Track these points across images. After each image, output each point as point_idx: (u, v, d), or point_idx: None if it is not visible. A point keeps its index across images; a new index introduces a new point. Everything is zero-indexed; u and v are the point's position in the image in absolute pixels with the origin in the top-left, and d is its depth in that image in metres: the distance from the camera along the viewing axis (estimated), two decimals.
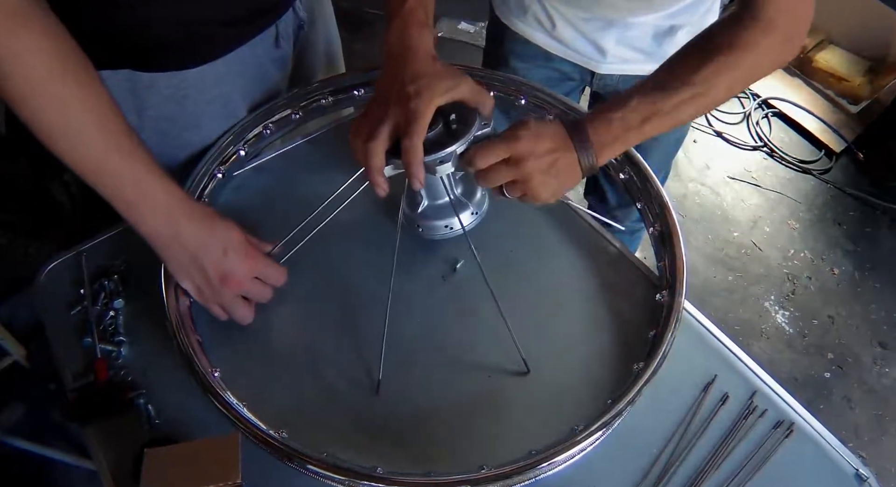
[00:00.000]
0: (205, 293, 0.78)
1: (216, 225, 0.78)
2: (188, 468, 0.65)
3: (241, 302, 0.80)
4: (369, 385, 0.79)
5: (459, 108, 0.79)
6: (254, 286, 0.80)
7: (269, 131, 0.98)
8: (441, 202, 0.87)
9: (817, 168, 2.44)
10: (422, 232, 0.88)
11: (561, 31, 1.11)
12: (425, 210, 0.88)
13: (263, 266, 0.81)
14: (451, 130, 0.80)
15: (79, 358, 0.80)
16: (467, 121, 0.79)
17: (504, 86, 1.01)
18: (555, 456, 0.70)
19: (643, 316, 0.85)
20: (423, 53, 0.78)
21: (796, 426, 0.78)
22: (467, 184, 0.88)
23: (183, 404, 0.76)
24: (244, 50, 0.93)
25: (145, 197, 0.73)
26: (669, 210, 0.88)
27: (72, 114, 0.68)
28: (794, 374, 1.95)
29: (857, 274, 2.18)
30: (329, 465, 0.68)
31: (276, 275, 0.82)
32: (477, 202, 0.88)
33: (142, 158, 0.73)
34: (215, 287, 0.77)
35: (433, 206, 0.88)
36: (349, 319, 0.85)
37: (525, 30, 1.16)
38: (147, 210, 0.73)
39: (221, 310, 0.80)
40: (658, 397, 0.77)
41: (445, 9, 2.87)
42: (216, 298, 0.79)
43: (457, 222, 0.86)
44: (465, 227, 0.85)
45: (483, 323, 0.85)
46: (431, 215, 0.88)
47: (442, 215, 0.87)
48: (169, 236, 0.75)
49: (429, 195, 0.87)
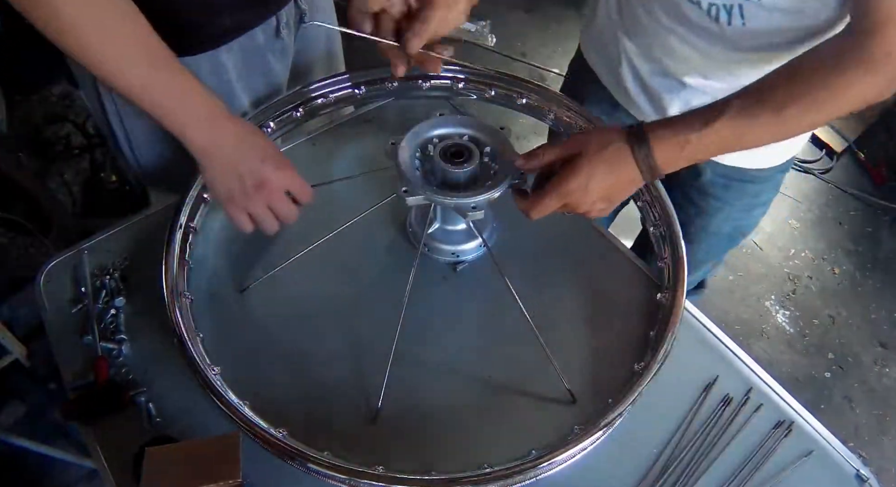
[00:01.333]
0: (237, 199, 0.80)
1: (256, 136, 0.82)
2: (189, 466, 0.64)
3: (269, 212, 0.82)
4: (370, 384, 0.79)
5: (494, 142, 0.82)
6: (283, 200, 0.82)
7: (270, 130, 0.98)
8: (452, 228, 0.88)
9: (818, 167, 2.44)
10: (428, 252, 0.89)
11: (625, 76, 1.01)
12: (436, 232, 0.89)
13: (295, 180, 0.83)
14: (485, 167, 0.82)
15: (79, 356, 0.80)
16: (503, 156, 0.81)
17: (506, 86, 1.01)
18: (555, 456, 0.70)
19: (644, 316, 0.85)
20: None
21: (796, 425, 0.78)
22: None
23: (184, 402, 0.76)
24: (245, 39, 0.94)
25: (193, 107, 0.78)
26: (670, 210, 0.88)
27: (116, 38, 0.73)
28: (794, 374, 1.95)
29: (858, 274, 2.18)
30: (329, 464, 0.68)
31: (306, 192, 0.84)
32: (488, 233, 0.90)
33: (186, 75, 0.77)
34: (249, 193, 0.80)
35: (444, 230, 0.89)
36: (351, 319, 0.85)
37: (597, 65, 1.08)
38: (193, 119, 0.77)
39: (248, 220, 0.82)
40: (659, 397, 0.77)
41: None
42: (248, 204, 0.81)
43: (464, 250, 0.88)
44: (490, 247, 0.87)
45: (484, 323, 0.85)
46: (441, 238, 0.89)
47: (451, 240, 0.88)
48: (211, 143, 0.78)
49: (442, 218, 0.88)
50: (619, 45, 1.00)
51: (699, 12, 0.84)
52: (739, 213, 1.10)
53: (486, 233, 0.90)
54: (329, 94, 1.01)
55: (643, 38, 0.96)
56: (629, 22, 0.97)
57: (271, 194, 0.81)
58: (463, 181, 0.81)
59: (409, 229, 0.92)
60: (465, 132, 0.84)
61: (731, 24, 0.82)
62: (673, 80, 0.95)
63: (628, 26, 0.98)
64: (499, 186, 0.78)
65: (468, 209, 0.78)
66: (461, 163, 0.81)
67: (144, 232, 0.91)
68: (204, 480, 0.63)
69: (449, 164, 0.80)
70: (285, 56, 1.04)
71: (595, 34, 1.07)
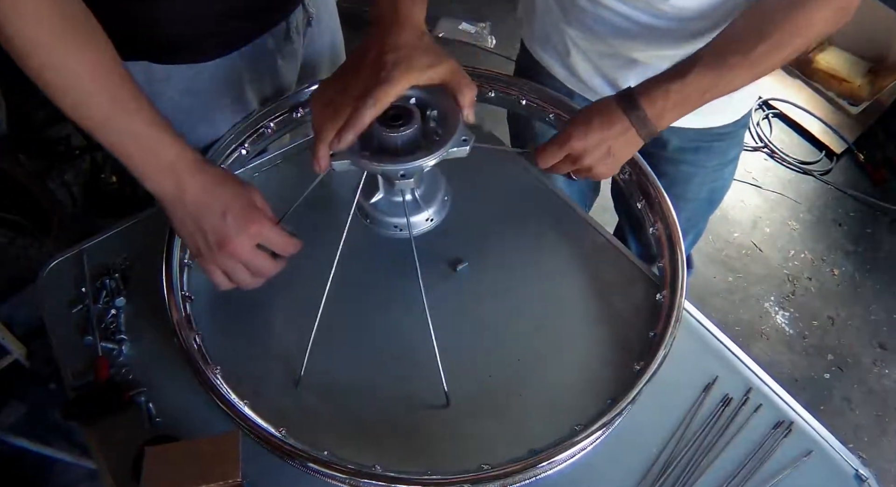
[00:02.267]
0: (205, 256, 0.76)
1: (221, 186, 0.75)
2: (189, 466, 0.65)
3: (241, 268, 0.76)
4: (369, 384, 0.79)
5: (443, 105, 0.74)
6: (253, 256, 0.76)
7: (270, 131, 0.98)
8: (398, 199, 0.80)
9: (818, 169, 2.44)
10: (369, 224, 0.82)
11: (576, 63, 1.05)
12: (379, 202, 0.81)
13: (269, 233, 0.76)
14: (427, 132, 0.74)
15: (79, 356, 0.81)
16: (448, 124, 0.73)
17: (505, 87, 1.01)
18: (555, 455, 0.70)
19: (643, 315, 0.85)
20: (413, 25, 0.72)
21: (796, 426, 0.78)
22: (430, 187, 0.82)
23: (184, 402, 0.77)
24: (257, 43, 0.95)
25: (150, 154, 0.72)
26: (670, 210, 0.88)
27: (76, 76, 0.68)
28: (793, 375, 1.95)
29: (858, 275, 2.18)
30: (329, 463, 0.68)
31: (284, 244, 0.78)
32: (436, 209, 0.82)
33: (148, 117, 0.72)
34: (213, 251, 0.75)
35: (389, 201, 0.81)
36: (351, 319, 0.85)
37: (544, 58, 1.11)
38: (151, 167, 0.72)
39: (222, 277, 0.77)
40: (658, 397, 0.77)
41: (445, 9, 2.87)
42: (216, 262, 0.76)
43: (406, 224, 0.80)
44: (412, 233, 0.78)
45: (485, 322, 0.85)
46: (385, 210, 0.81)
47: (395, 213, 0.81)
48: (172, 194, 0.73)
49: (386, 188, 0.81)
50: (565, 36, 1.04)
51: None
52: (713, 174, 1.16)
53: (433, 206, 0.82)
54: None
55: (587, 22, 0.99)
56: (570, 10, 1.00)
57: (238, 252, 0.74)
58: (400, 146, 0.72)
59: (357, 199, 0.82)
60: (413, 94, 0.75)
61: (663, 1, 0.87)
62: (623, 58, 0.99)
63: (570, 16, 1.01)
64: (434, 153, 0.71)
65: (396, 177, 0.72)
66: (398, 126, 0.72)
67: (145, 232, 0.92)
68: (204, 479, 0.63)
69: (384, 128, 0.71)
70: (294, 59, 1.05)
71: (538, 29, 1.11)
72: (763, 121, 2.55)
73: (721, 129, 1.08)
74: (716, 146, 1.11)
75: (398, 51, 0.69)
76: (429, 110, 0.75)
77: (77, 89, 0.68)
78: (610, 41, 0.98)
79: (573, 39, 1.03)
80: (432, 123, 0.75)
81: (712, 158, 1.12)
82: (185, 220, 0.74)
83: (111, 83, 0.70)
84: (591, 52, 1.03)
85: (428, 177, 0.82)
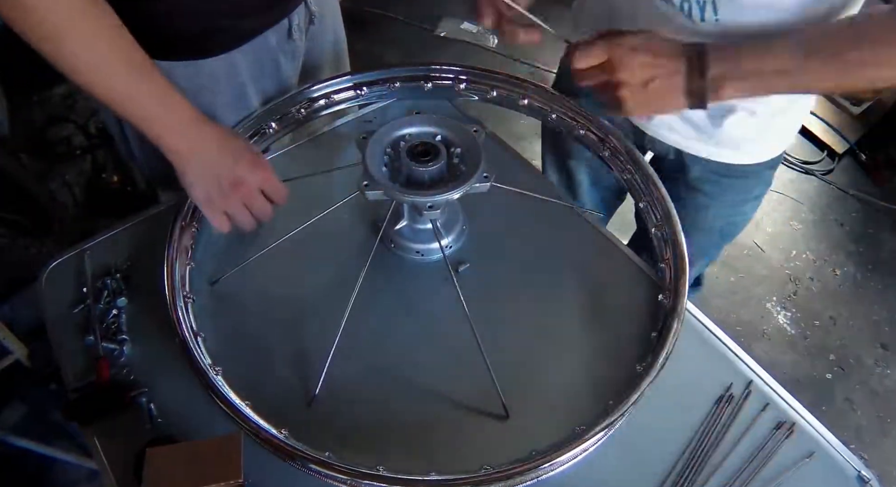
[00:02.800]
0: (215, 200, 0.82)
1: (232, 140, 0.84)
2: (190, 467, 0.65)
3: (245, 210, 0.84)
4: (371, 384, 0.79)
5: (465, 143, 0.82)
6: (258, 198, 0.85)
7: (272, 130, 0.98)
8: (420, 227, 0.89)
9: (820, 169, 2.44)
10: (393, 248, 0.90)
11: None
12: (403, 229, 0.89)
13: (269, 179, 0.85)
14: (453, 168, 0.82)
15: (81, 356, 0.80)
16: (471, 159, 0.81)
17: (507, 87, 1.01)
18: (557, 457, 0.70)
19: (646, 316, 0.85)
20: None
21: (798, 427, 0.78)
22: (450, 216, 0.90)
23: (185, 403, 0.76)
24: (259, 41, 0.95)
25: (172, 112, 0.80)
26: (672, 211, 0.88)
27: (97, 47, 0.74)
28: (795, 375, 1.95)
29: (860, 276, 2.18)
30: (331, 465, 0.68)
31: (280, 191, 0.86)
32: (455, 236, 0.90)
33: (164, 81, 0.79)
34: (226, 192, 0.82)
35: (412, 228, 0.89)
36: (353, 319, 0.85)
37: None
38: (173, 124, 0.80)
39: (225, 220, 0.84)
40: (659, 397, 0.77)
41: (448, 9, 2.86)
42: (225, 204, 0.83)
43: (429, 250, 0.88)
44: (444, 249, 0.86)
45: (487, 324, 0.85)
46: (408, 236, 0.89)
47: (418, 238, 0.89)
48: (189, 149, 0.81)
49: (409, 216, 0.88)
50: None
51: (672, 9, 0.85)
52: (729, 209, 1.10)
53: (452, 235, 0.90)
54: (331, 95, 1.01)
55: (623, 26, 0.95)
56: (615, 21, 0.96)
57: (247, 193, 0.83)
58: (427, 180, 0.81)
59: (379, 224, 0.91)
60: (438, 132, 0.85)
61: (704, 19, 0.83)
62: None
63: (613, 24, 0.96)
64: (459, 188, 0.78)
65: (424, 208, 0.79)
66: (427, 162, 0.81)
67: (146, 232, 0.92)
68: (205, 480, 0.63)
69: (414, 163, 0.81)
70: (296, 58, 1.05)
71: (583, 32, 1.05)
72: None
73: (748, 168, 1.02)
74: (738, 183, 1.05)
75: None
76: (452, 148, 0.83)
77: (100, 59, 0.74)
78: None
79: None
80: (455, 159, 0.83)
81: (732, 194, 1.07)
82: (201, 169, 0.82)
83: (130, 50, 0.76)
84: None
85: (449, 208, 0.90)
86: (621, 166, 0.94)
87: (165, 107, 0.79)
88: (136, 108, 0.78)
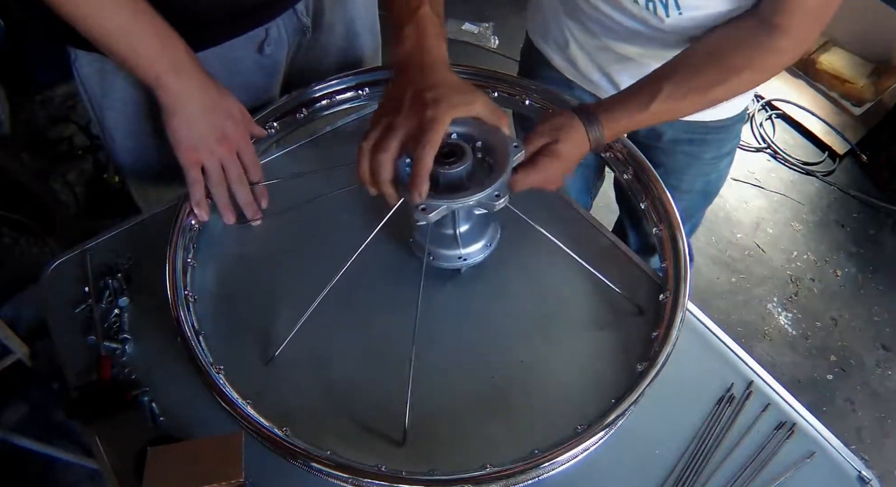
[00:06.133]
0: (198, 149, 0.82)
1: (225, 94, 0.85)
2: (191, 466, 0.65)
3: (220, 168, 0.84)
4: (373, 384, 0.79)
5: (485, 134, 0.77)
6: (236, 162, 0.85)
7: (273, 131, 0.98)
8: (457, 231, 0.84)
9: (821, 170, 2.44)
10: (433, 260, 0.85)
11: (575, 55, 1.08)
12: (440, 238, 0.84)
13: (247, 144, 0.87)
14: (483, 163, 0.78)
15: (82, 356, 0.81)
16: (497, 151, 0.77)
17: (508, 87, 1.01)
18: (558, 456, 0.70)
19: (647, 316, 0.85)
20: (441, 63, 0.77)
21: (798, 428, 0.78)
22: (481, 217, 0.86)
23: (187, 402, 0.77)
24: (223, 50, 0.93)
25: (170, 51, 0.79)
26: (673, 210, 0.88)
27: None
28: (796, 376, 1.95)
29: (861, 277, 2.18)
30: (333, 463, 0.68)
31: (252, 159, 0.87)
32: (490, 235, 0.87)
33: (163, 22, 0.79)
34: (210, 145, 0.82)
35: (447, 236, 0.84)
36: (354, 319, 0.85)
37: (545, 49, 1.13)
38: (169, 63, 0.79)
39: (199, 174, 0.84)
40: (659, 397, 0.77)
41: (449, 9, 2.87)
42: (206, 155, 0.83)
43: (472, 253, 0.85)
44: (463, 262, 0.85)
45: (488, 323, 0.85)
46: (446, 244, 0.85)
47: (455, 245, 0.84)
48: (184, 91, 0.80)
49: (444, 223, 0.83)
50: (564, 28, 1.06)
51: (637, 7, 0.90)
52: (708, 167, 1.17)
53: (490, 229, 0.87)
54: (332, 96, 1.01)
55: (582, 19, 1.02)
56: (569, 3, 1.02)
57: (229, 151, 0.84)
58: (464, 179, 0.77)
59: (411, 240, 0.87)
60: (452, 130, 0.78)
61: (668, 15, 0.88)
62: (617, 54, 1.01)
63: (569, 9, 1.03)
64: (507, 167, 0.75)
65: (492, 199, 0.74)
66: (454, 163, 0.76)
67: (148, 232, 0.92)
68: (207, 480, 0.64)
69: (445, 167, 0.75)
70: (272, 72, 1.02)
71: (539, 20, 1.13)
72: (766, 122, 2.55)
73: (717, 123, 1.09)
74: (711, 138, 1.12)
75: (435, 89, 0.73)
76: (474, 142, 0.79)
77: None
78: (603, 39, 1.01)
79: (571, 31, 1.05)
80: (484, 157, 0.79)
81: (708, 150, 1.14)
82: (192, 114, 0.81)
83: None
84: (587, 45, 1.05)
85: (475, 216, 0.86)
86: (622, 167, 0.94)
87: (164, 45, 0.79)
88: (134, 47, 0.77)
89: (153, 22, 0.78)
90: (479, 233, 0.86)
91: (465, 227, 0.84)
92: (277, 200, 0.93)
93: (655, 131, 1.10)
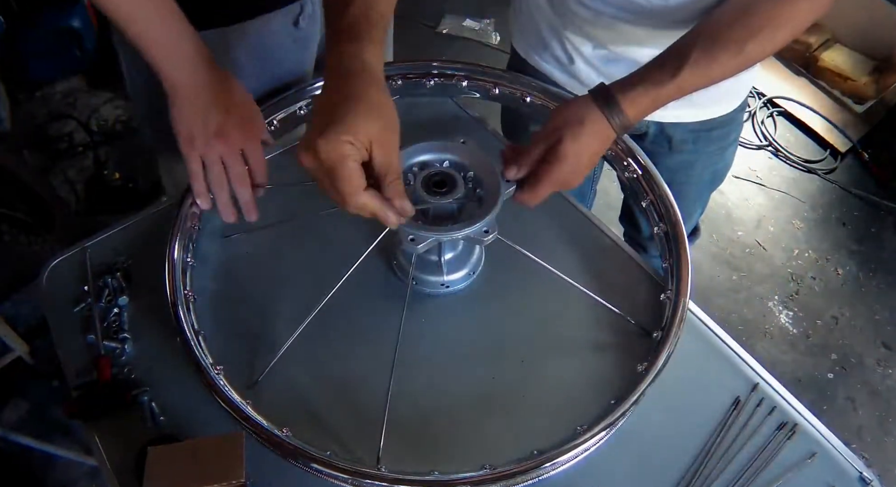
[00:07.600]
0: (196, 142, 0.82)
1: (234, 90, 0.85)
2: (191, 466, 0.65)
3: (220, 164, 0.83)
4: (373, 384, 0.79)
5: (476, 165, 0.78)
6: (237, 159, 0.83)
7: (273, 128, 0.97)
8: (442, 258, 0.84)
9: (822, 167, 2.44)
10: (416, 285, 0.86)
11: (579, 71, 1.04)
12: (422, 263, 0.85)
13: (253, 146, 0.84)
14: (473, 193, 0.78)
15: (82, 355, 0.80)
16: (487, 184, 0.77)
17: (509, 84, 1.01)
18: (558, 456, 0.70)
19: (648, 316, 0.84)
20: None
21: (799, 427, 0.78)
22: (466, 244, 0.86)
23: (187, 402, 0.76)
24: (258, 24, 0.95)
25: (181, 45, 0.81)
26: (674, 209, 0.88)
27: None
28: (797, 375, 1.95)
29: (862, 275, 2.18)
30: (333, 464, 0.68)
31: (260, 162, 0.85)
32: (473, 262, 0.87)
33: (182, 16, 0.80)
34: (209, 139, 0.82)
35: (431, 261, 0.85)
36: (354, 319, 0.85)
37: (543, 66, 1.09)
38: (179, 57, 0.81)
39: (200, 167, 0.83)
40: (661, 398, 0.77)
41: (450, 5, 2.87)
42: (204, 149, 0.82)
43: (454, 280, 0.86)
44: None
45: (488, 323, 0.85)
46: (429, 270, 0.85)
47: (439, 272, 0.85)
48: (188, 83, 0.81)
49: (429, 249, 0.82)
50: (566, 43, 1.02)
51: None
52: (714, 158, 1.17)
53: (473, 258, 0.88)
54: None
55: (584, 28, 0.99)
56: (567, 18, 0.99)
57: (228, 147, 0.82)
58: (456, 211, 0.78)
59: (394, 262, 0.88)
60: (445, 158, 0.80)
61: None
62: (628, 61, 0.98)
63: (568, 23, 1.00)
64: (497, 202, 0.76)
65: (481, 235, 0.75)
66: (445, 193, 0.76)
67: (148, 230, 0.91)
68: (207, 479, 0.63)
69: (437, 197, 0.76)
70: (307, 46, 1.04)
71: (533, 37, 1.08)
72: (767, 120, 2.55)
73: (720, 119, 1.09)
74: (715, 134, 1.11)
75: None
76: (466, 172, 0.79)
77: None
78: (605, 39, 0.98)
79: (576, 47, 1.01)
80: (474, 187, 0.79)
81: (712, 144, 1.14)
82: (192, 107, 0.82)
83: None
84: (594, 58, 1.01)
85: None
86: (623, 166, 0.93)
87: (178, 38, 0.80)
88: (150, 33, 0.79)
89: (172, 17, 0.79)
90: (464, 262, 0.87)
91: (449, 255, 0.85)
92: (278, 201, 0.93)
93: (664, 134, 1.09)
